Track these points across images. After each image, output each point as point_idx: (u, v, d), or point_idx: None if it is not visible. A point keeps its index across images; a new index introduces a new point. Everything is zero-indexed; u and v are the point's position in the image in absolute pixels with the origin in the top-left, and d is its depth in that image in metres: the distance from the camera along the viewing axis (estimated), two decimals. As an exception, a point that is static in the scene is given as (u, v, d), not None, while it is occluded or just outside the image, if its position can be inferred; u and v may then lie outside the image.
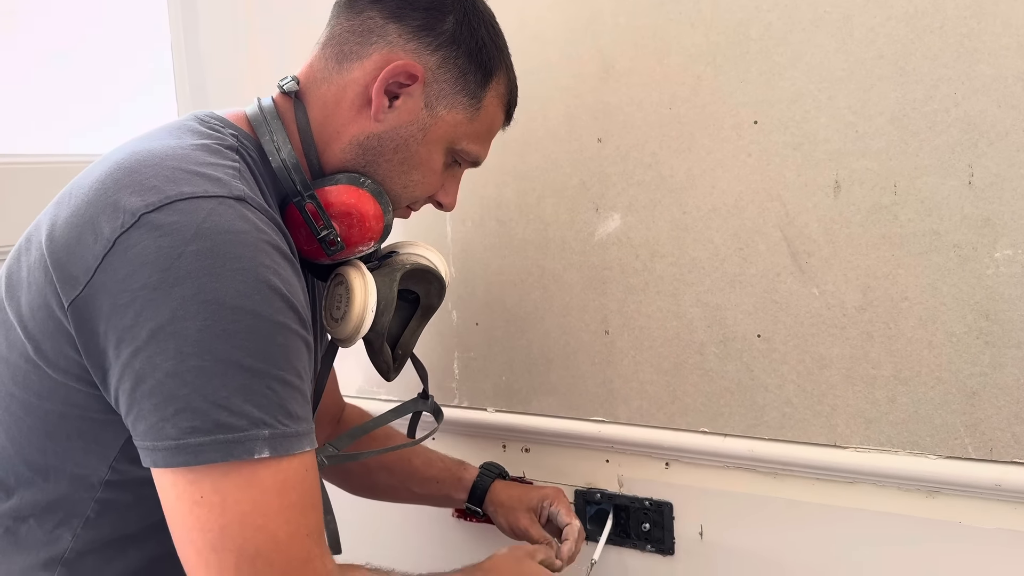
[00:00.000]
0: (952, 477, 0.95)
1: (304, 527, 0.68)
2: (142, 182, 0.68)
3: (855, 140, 0.96)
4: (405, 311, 0.98)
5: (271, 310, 0.67)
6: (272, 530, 0.66)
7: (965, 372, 0.94)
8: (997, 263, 0.91)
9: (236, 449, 0.65)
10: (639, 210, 1.10)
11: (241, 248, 0.67)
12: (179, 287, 0.64)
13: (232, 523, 0.65)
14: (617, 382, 1.15)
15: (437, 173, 0.89)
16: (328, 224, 0.81)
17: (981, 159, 0.91)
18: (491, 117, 0.90)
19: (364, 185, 0.83)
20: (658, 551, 1.15)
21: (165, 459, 0.65)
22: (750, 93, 1.02)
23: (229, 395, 0.65)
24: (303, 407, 0.70)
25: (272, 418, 0.66)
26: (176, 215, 0.66)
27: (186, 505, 0.66)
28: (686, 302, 1.09)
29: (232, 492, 0.65)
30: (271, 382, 0.67)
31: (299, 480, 0.68)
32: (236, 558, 0.65)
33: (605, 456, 1.18)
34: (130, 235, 0.66)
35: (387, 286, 0.87)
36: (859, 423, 1.00)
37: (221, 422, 0.65)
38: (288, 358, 0.68)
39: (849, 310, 0.99)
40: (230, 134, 0.78)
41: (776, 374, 1.04)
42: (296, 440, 0.68)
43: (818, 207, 0.99)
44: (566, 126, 1.14)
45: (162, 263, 0.65)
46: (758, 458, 1.06)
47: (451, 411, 1.29)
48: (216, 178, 0.70)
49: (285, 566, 0.67)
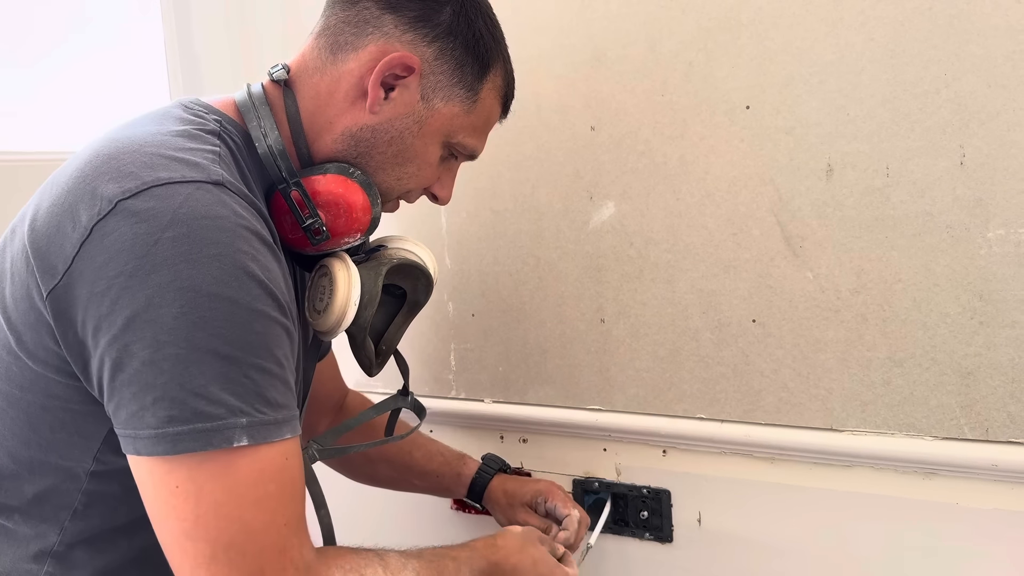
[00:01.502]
0: (948, 458, 0.96)
1: (281, 516, 0.68)
2: (119, 168, 0.67)
3: (847, 123, 0.97)
4: (391, 306, 0.97)
5: (249, 297, 0.66)
6: (246, 520, 0.66)
7: (960, 353, 0.94)
8: (990, 243, 0.91)
9: (215, 438, 0.64)
10: (633, 198, 1.11)
11: (218, 234, 0.66)
12: (155, 274, 0.64)
13: (206, 513, 0.65)
14: (613, 370, 1.15)
15: (432, 166, 0.88)
16: (313, 213, 0.80)
17: (972, 139, 0.91)
18: (488, 110, 0.89)
19: (353, 176, 0.82)
20: (657, 539, 1.15)
21: (146, 447, 0.65)
22: (742, 78, 1.02)
23: (206, 383, 0.64)
24: (283, 395, 0.69)
25: (250, 406, 0.66)
26: (153, 201, 0.65)
27: (163, 494, 0.66)
28: (681, 289, 1.09)
29: (207, 482, 0.65)
30: (249, 370, 0.66)
31: (277, 469, 0.68)
32: (211, 548, 0.65)
33: (602, 445, 1.18)
34: (107, 222, 0.65)
35: (372, 280, 0.86)
36: (855, 406, 1.00)
37: (199, 411, 0.64)
38: (267, 345, 0.68)
39: (843, 293, 0.99)
40: (213, 119, 0.78)
41: (772, 359, 1.04)
42: (275, 428, 0.68)
43: (811, 191, 0.99)
44: (559, 115, 1.14)
45: (138, 250, 0.64)
46: (755, 443, 1.06)
47: (448, 403, 1.29)
48: (194, 163, 0.69)
49: (258, 556, 0.66)
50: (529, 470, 1.24)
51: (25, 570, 0.74)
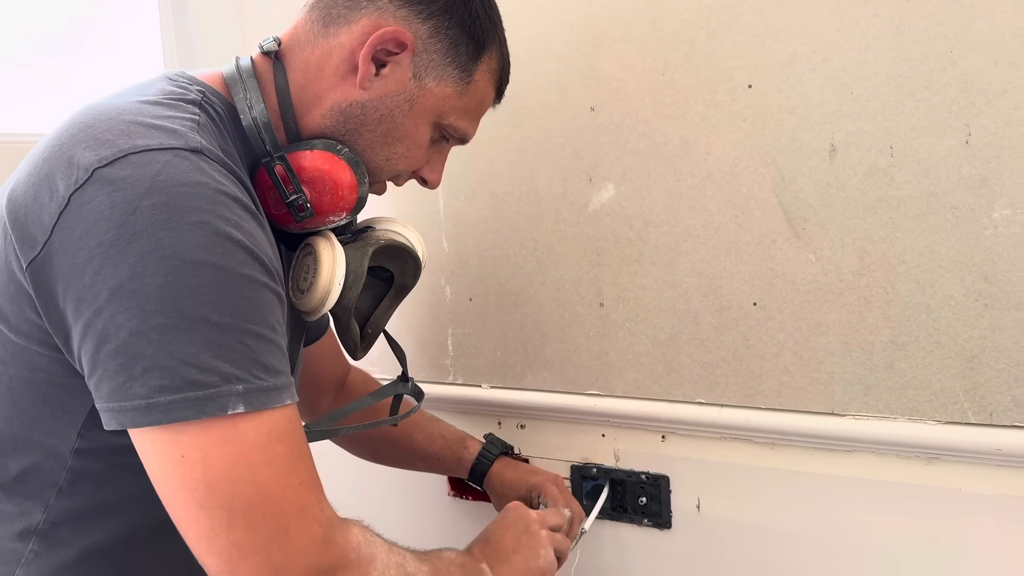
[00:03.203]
0: (951, 443, 0.94)
1: (295, 476, 0.66)
2: (96, 136, 0.66)
3: (850, 102, 0.95)
4: (378, 289, 0.95)
5: (235, 263, 0.65)
6: (261, 482, 0.64)
7: (964, 335, 0.92)
8: (995, 224, 0.90)
9: (208, 406, 0.63)
10: (633, 179, 1.09)
11: (198, 200, 0.64)
12: (136, 243, 0.62)
13: (218, 479, 0.63)
14: (612, 355, 1.14)
15: (422, 147, 0.86)
16: (298, 188, 0.78)
17: (978, 118, 0.89)
18: (481, 93, 0.87)
19: (340, 153, 0.80)
20: (655, 525, 1.14)
21: (134, 419, 0.63)
22: (744, 57, 1.00)
23: (197, 352, 0.63)
24: (280, 360, 0.68)
25: (246, 372, 0.64)
26: (130, 169, 0.64)
27: (168, 465, 0.64)
28: (681, 271, 1.07)
29: (214, 448, 0.63)
30: (242, 336, 0.64)
31: (284, 432, 0.66)
32: (227, 514, 0.63)
33: (601, 430, 1.17)
34: (84, 191, 0.64)
35: (357, 260, 0.85)
36: (857, 390, 0.98)
37: (191, 379, 0.62)
38: (258, 311, 0.66)
39: (846, 275, 0.97)
40: (196, 90, 0.76)
41: (773, 342, 1.02)
42: (275, 394, 0.66)
43: (814, 171, 0.98)
44: (559, 95, 1.13)
45: (117, 219, 0.62)
46: (755, 428, 1.04)
47: (446, 388, 1.28)
48: (172, 130, 0.68)
49: (279, 517, 0.65)
50: (527, 456, 1.23)
51: (10, 548, 0.73)
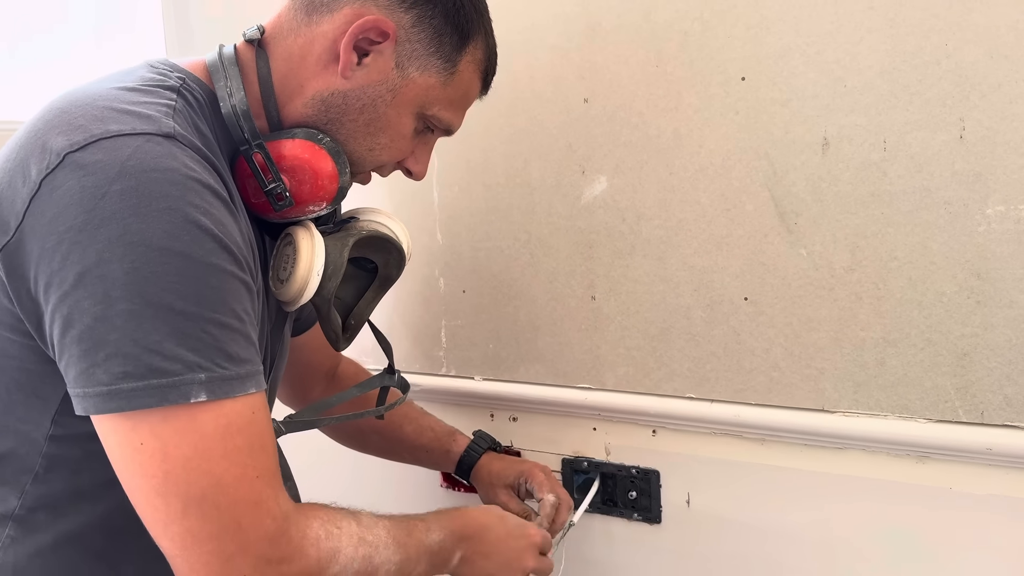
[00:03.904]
0: (942, 441, 0.93)
1: (252, 469, 0.66)
2: (69, 122, 0.66)
3: (844, 95, 0.94)
4: (363, 280, 0.95)
5: (202, 251, 0.65)
6: (217, 474, 0.65)
7: (956, 333, 0.91)
8: (989, 220, 0.88)
9: (171, 394, 0.63)
10: (626, 172, 1.08)
11: (168, 187, 0.64)
12: (104, 228, 0.62)
13: (175, 469, 0.64)
14: (604, 348, 1.13)
15: (406, 138, 0.85)
16: (276, 177, 0.77)
17: (973, 112, 0.88)
18: (466, 84, 0.86)
19: (321, 142, 0.79)
20: (645, 520, 1.13)
21: (97, 405, 0.63)
22: (737, 49, 0.99)
23: (161, 339, 0.63)
24: (246, 349, 0.68)
25: (209, 361, 0.64)
26: (100, 153, 0.64)
27: (128, 452, 0.64)
28: (673, 265, 1.06)
29: (172, 437, 0.64)
30: (206, 325, 0.64)
31: (245, 423, 0.66)
32: (182, 503, 0.64)
33: (592, 424, 1.16)
34: (55, 176, 0.64)
35: (337, 250, 0.84)
36: (847, 387, 0.97)
37: (154, 367, 0.62)
38: (224, 300, 0.66)
39: (837, 271, 0.96)
40: (176, 77, 0.76)
41: (763, 338, 1.02)
42: (238, 383, 0.66)
43: (806, 165, 0.96)
44: (552, 87, 1.12)
45: (86, 203, 0.62)
46: (745, 424, 1.03)
47: (439, 380, 1.28)
48: (146, 115, 0.67)
49: (232, 508, 0.65)
50: (519, 449, 1.23)
51: None
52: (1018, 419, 0.89)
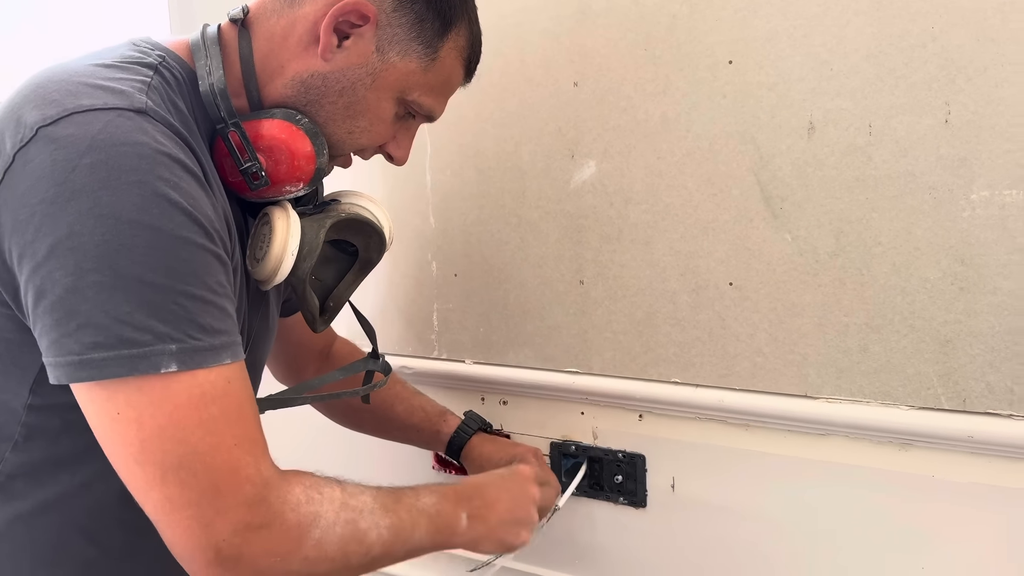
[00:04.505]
0: (925, 429, 0.92)
1: (229, 437, 0.68)
2: (44, 96, 0.67)
3: (830, 79, 0.93)
4: (343, 263, 0.95)
5: (172, 225, 0.66)
6: (192, 442, 0.66)
7: (939, 319, 0.90)
8: (973, 205, 0.87)
9: (141, 363, 0.64)
10: (614, 156, 1.08)
11: (137, 160, 0.65)
12: (75, 201, 0.63)
13: (151, 437, 0.65)
14: (591, 333, 1.13)
15: (386, 123, 0.85)
16: (252, 156, 0.78)
17: (959, 96, 0.87)
18: (448, 70, 0.86)
19: (299, 123, 0.80)
20: (630, 503, 1.13)
21: (68, 374, 0.65)
22: (725, 32, 0.98)
23: (132, 310, 0.64)
24: (220, 320, 0.69)
25: (180, 332, 0.65)
26: (72, 127, 0.65)
27: (105, 421, 0.66)
28: (659, 250, 1.06)
29: (147, 407, 0.65)
30: (177, 297, 0.65)
31: (220, 393, 0.68)
32: (160, 470, 0.65)
33: (580, 408, 1.17)
34: (28, 149, 0.65)
35: (314, 231, 0.84)
36: (830, 372, 0.97)
37: (124, 337, 0.64)
38: (195, 272, 0.67)
39: (822, 256, 0.96)
40: (156, 55, 0.77)
41: (748, 323, 1.01)
42: (211, 353, 0.67)
43: (792, 149, 0.96)
44: (543, 70, 1.12)
45: (57, 176, 0.64)
46: (729, 409, 1.03)
47: (431, 363, 1.28)
48: (119, 91, 0.68)
49: (209, 474, 0.66)
50: (509, 432, 1.23)
51: None
52: (1000, 407, 0.89)
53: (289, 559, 0.71)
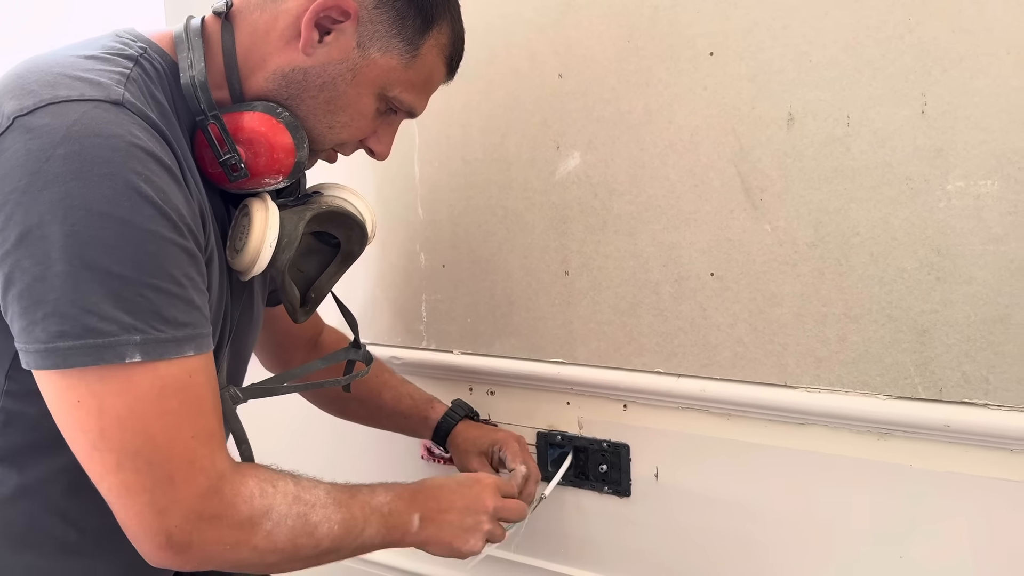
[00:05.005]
0: (902, 418, 0.93)
1: (187, 429, 0.69)
2: (23, 86, 0.68)
3: (808, 70, 0.93)
4: (326, 255, 0.96)
5: (140, 217, 0.66)
6: (151, 433, 0.67)
7: (916, 309, 0.91)
8: (949, 195, 0.88)
9: (106, 353, 0.65)
10: (598, 147, 1.09)
11: (110, 152, 0.66)
12: (47, 191, 0.64)
13: (110, 426, 0.67)
14: (576, 323, 1.14)
15: (367, 118, 0.85)
16: (231, 148, 0.79)
17: (934, 87, 0.87)
18: (429, 68, 0.86)
19: (279, 116, 0.80)
20: (615, 492, 1.14)
21: (36, 361, 0.66)
22: (706, 24, 0.99)
23: (98, 301, 0.65)
24: (186, 313, 0.70)
25: (145, 324, 0.66)
26: (48, 118, 0.66)
27: (65, 408, 0.67)
28: (643, 241, 1.07)
29: (108, 397, 0.66)
30: (143, 289, 0.67)
31: (181, 386, 0.69)
32: (116, 457, 0.67)
33: (566, 398, 1.18)
34: (4, 138, 0.66)
35: (293, 223, 0.85)
36: (809, 362, 0.98)
37: (90, 327, 0.65)
38: (161, 265, 0.68)
39: (801, 247, 0.96)
40: (138, 47, 0.77)
41: (728, 313, 1.02)
42: (174, 345, 0.68)
43: (771, 140, 0.96)
44: (528, 62, 1.13)
45: (31, 166, 0.65)
46: (710, 399, 1.04)
47: (419, 354, 1.29)
48: (97, 82, 0.69)
49: (165, 464, 0.68)
50: (496, 422, 1.24)
51: None
52: (975, 396, 0.89)
53: (238, 548, 0.73)
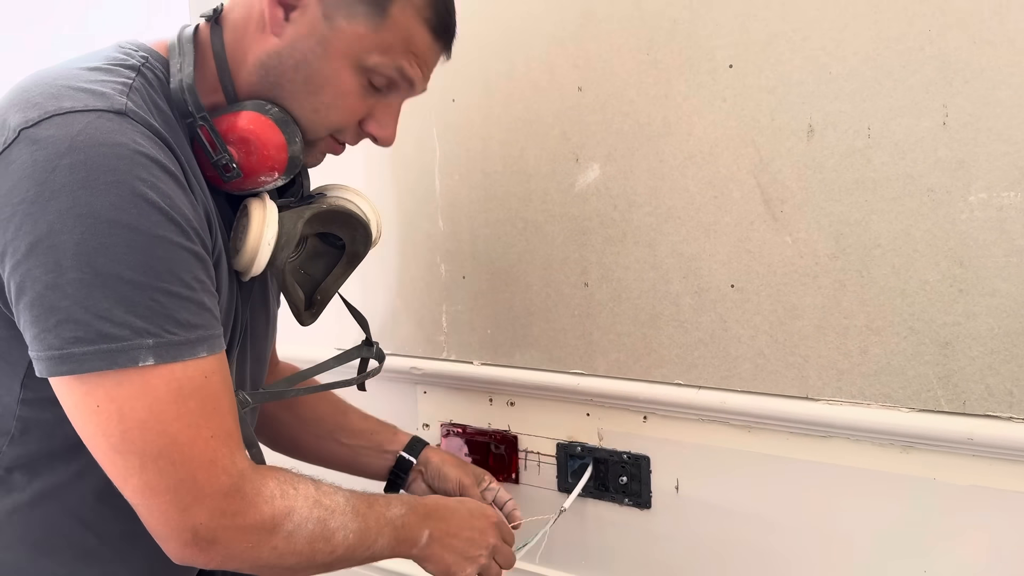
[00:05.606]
0: (925, 431, 0.92)
1: (207, 429, 0.70)
2: (28, 100, 0.69)
3: (828, 82, 0.93)
4: (332, 257, 0.95)
5: (148, 224, 0.68)
6: (171, 433, 0.69)
7: (938, 321, 0.90)
8: (971, 207, 0.87)
9: (120, 358, 0.66)
10: (618, 159, 1.09)
11: (115, 161, 0.67)
12: (55, 200, 0.65)
13: (131, 429, 0.68)
14: (596, 334, 1.14)
15: (350, 95, 0.81)
16: (222, 149, 0.78)
17: (956, 98, 0.87)
18: (404, 30, 0.81)
19: (268, 112, 0.79)
20: (635, 505, 1.14)
21: (49, 368, 0.67)
22: (725, 36, 0.99)
23: (110, 307, 0.66)
24: (197, 315, 0.71)
25: (157, 327, 0.68)
26: (52, 129, 0.67)
27: (85, 413, 0.68)
28: (662, 252, 1.07)
29: (127, 401, 0.67)
30: (154, 294, 0.68)
31: (197, 386, 0.70)
32: (140, 459, 0.68)
33: (586, 409, 1.18)
34: (11, 151, 0.67)
35: (292, 222, 0.84)
36: (831, 374, 0.97)
37: (104, 332, 0.66)
38: (171, 270, 0.69)
39: (822, 258, 0.96)
40: (139, 56, 0.78)
41: (749, 325, 1.02)
42: (188, 347, 0.69)
43: (791, 152, 0.96)
44: (548, 75, 1.13)
45: (38, 176, 0.66)
46: (731, 411, 1.04)
47: (440, 364, 1.30)
48: (100, 93, 0.70)
49: (187, 464, 0.69)
50: (516, 433, 1.24)
51: None
52: (999, 409, 0.88)
53: (260, 547, 0.74)
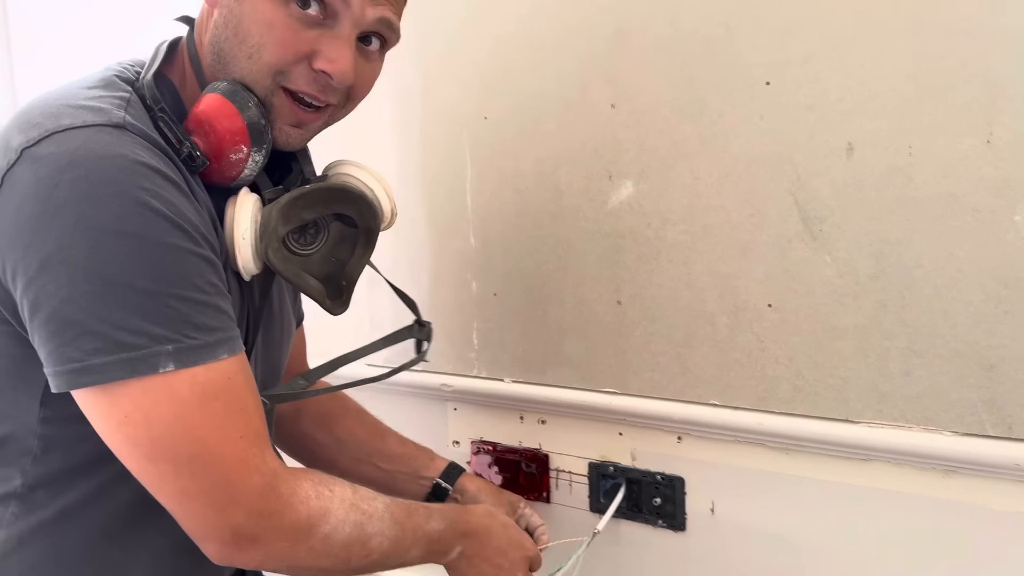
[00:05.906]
0: (969, 456, 0.90)
1: (235, 430, 0.71)
2: (29, 120, 0.70)
3: (869, 99, 0.92)
4: (352, 239, 0.90)
5: (155, 232, 0.68)
6: (201, 436, 0.69)
7: (983, 344, 0.88)
8: (1017, 227, 0.85)
9: (140, 365, 0.67)
10: (651, 176, 1.08)
11: (117, 172, 0.67)
12: (60, 216, 0.66)
13: (160, 436, 0.68)
14: (629, 353, 1.13)
15: (276, 26, 0.75)
16: (184, 138, 0.76)
17: (1000, 116, 0.85)
18: None
19: (216, 88, 0.77)
20: (669, 526, 1.13)
21: (70, 381, 0.68)
22: (762, 53, 0.98)
23: (126, 316, 0.66)
24: (215, 318, 0.71)
25: (176, 333, 0.68)
26: (53, 146, 0.68)
27: (113, 425, 0.69)
28: (697, 271, 1.06)
29: (153, 408, 0.68)
30: (169, 300, 0.68)
31: (221, 388, 0.70)
32: (173, 465, 0.69)
33: (618, 429, 1.16)
34: (14, 171, 0.68)
35: (269, 210, 0.81)
36: (872, 397, 0.95)
37: (122, 342, 0.66)
38: (183, 276, 0.69)
39: (862, 278, 0.94)
40: (135, 71, 0.80)
41: (787, 345, 1.00)
42: (207, 350, 0.70)
43: (831, 170, 0.95)
44: (580, 92, 1.13)
45: (41, 193, 0.66)
46: (768, 432, 1.02)
47: (471, 382, 1.29)
48: (98, 108, 0.71)
49: (220, 465, 0.70)
50: (547, 452, 1.23)
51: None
52: (1047, 434, 0.86)
53: (298, 547, 0.74)
